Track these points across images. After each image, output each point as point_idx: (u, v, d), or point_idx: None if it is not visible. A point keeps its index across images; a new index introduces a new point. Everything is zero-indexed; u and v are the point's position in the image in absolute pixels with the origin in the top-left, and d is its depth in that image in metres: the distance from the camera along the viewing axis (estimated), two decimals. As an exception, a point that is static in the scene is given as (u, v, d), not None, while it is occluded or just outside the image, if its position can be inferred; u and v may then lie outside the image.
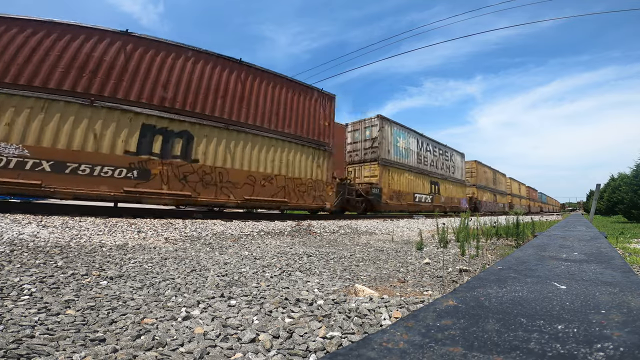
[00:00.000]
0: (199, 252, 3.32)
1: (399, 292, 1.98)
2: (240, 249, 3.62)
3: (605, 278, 1.39)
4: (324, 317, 1.46)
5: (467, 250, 3.64)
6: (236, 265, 2.68)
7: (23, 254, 2.65)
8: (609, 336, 0.75)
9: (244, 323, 1.38)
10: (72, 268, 2.28)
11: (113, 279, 2.07)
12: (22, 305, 1.48)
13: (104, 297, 1.68)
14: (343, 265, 2.82)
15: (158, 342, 1.17)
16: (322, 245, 4.24)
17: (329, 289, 1.98)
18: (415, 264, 2.98)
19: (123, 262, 2.62)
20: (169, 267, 2.50)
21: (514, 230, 4.78)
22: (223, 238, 4.62)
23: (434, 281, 2.33)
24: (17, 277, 1.93)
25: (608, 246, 2.61)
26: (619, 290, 1.18)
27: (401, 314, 1.50)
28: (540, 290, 1.19)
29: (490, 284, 1.26)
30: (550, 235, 3.65)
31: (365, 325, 1.37)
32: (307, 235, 5.52)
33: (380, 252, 3.67)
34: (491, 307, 0.99)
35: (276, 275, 2.36)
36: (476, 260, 3.21)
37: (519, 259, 1.89)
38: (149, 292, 1.83)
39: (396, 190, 13.62)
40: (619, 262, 1.79)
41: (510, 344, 0.72)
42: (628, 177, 13.82)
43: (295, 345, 1.18)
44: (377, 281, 2.29)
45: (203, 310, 1.53)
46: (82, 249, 3.08)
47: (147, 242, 3.88)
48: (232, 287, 1.99)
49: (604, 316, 0.90)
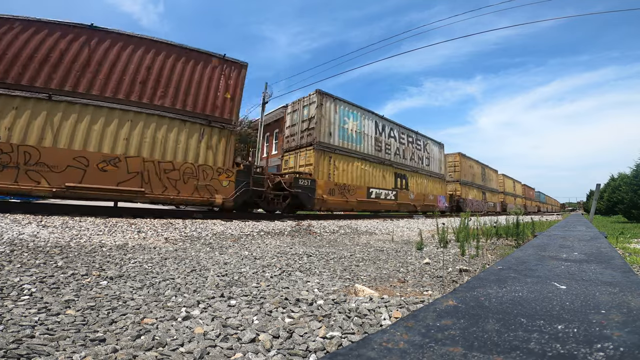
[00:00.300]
0: (199, 252, 3.32)
1: (399, 292, 1.98)
2: (240, 249, 3.62)
3: (605, 278, 1.39)
4: (324, 317, 1.46)
5: (467, 250, 3.64)
6: (236, 265, 2.68)
7: (23, 254, 2.65)
8: (609, 336, 0.75)
9: (244, 323, 1.38)
10: (72, 268, 2.28)
11: (113, 279, 2.07)
12: (22, 305, 1.48)
13: (104, 297, 1.68)
14: (343, 265, 2.82)
15: (158, 342, 1.17)
16: (322, 245, 4.24)
17: (329, 289, 1.98)
18: (415, 264, 2.98)
19: (123, 262, 2.62)
20: (169, 267, 2.50)
21: (514, 230, 4.78)
22: (223, 238, 4.62)
23: (434, 281, 2.33)
24: (17, 277, 1.93)
25: (608, 246, 2.61)
26: (619, 290, 1.18)
27: (401, 314, 1.50)
28: (540, 290, 1.19)
29: (490, 284, 1.26)
30: (550, 235, 3.65)
31: (365, 325, 1.37)
32: (307, 235, 5.52)
33: (380, 252, 3.67)
34: (491, 307, 0.99)
35: (276, 275, 2.36)
36: (476, 260, 3.21)
37: (519, 259, 1.89)
38: (149, 292, 1.83)
39: (340, 183, 10.72)
40: (619, 262, 1.79)
41: (510, 344, 0.72)
42: (628, 177, 13.81)
43: (295, 345, 1.18)
44: (377, 281, 2.29)
45: (203, 310, 1.53)
46: (82, 249, 3.08)
47: (147, 242, 3.88)
48: (232, 287, 1.99)
49: (604, 316, 0.90)
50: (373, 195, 12.10)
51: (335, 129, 10.94)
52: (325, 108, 10.67)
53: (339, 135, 11.08)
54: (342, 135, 11.20)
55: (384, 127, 13.51)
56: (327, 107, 10.75)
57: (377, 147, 12.92)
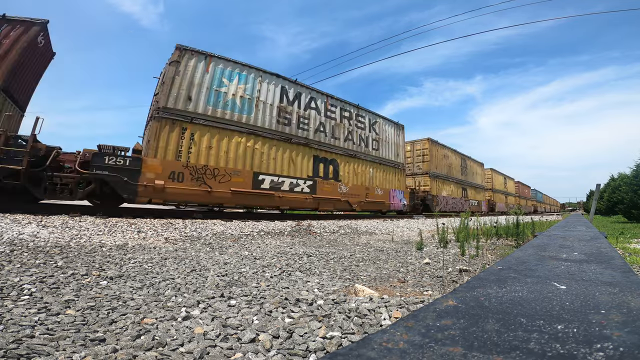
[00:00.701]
0: (199, 252, 3.32)
1: (399, 292, 1.98)
2: (240, 249, 3.62)
3: (605, 278, 1.39)
4: (324, 317, 1.46)
5: (467, 250, 3.64)
6: (236, 265, 2.68)
7: (23, 254, 2.65)
8: (608, 336, 0.75)
9: (244, 323, 1.38)
10: (72, 268, 2.28)
11: (113, 279, 2.07)
12: (22, 305, 1.48)
13: (104, 297, 1.68)
14: (343, 265, 2.82)
15: (158, 342, 1.17)
16: (322, 245, 4.24)
17: (329, 289, 1.98)
18: (415, 264, 2.98)
19: (123, 262, 2.62)
20: (169, 267, 2.50)
21: (514, 230, 4.78)
22: (223, 238, 4.62)
23: (434, 281, 2.33)
24: (17, 277, 1.93)
25: (608, 246, 2.61)
26: (618, 290, 1.18)
27: (401, 314, 1.50)
28: (540, 290, 1.19)
29: (490, 284, 1.26)
30: (550, 235, 3.65)
31: (365, 325, 1.37)
32: (307, 235, 5.52)
33: (380, 252, 3.67)
34: (491, 307, 0.99)
35: (276, 275, 2.36)
36: (476, 260, 3.21)
37: (519, 259, 1.89)
38: (149, 292, 1.83)
39: (199, 165, 7.47)
40: (619, 262, 1.79)
41: (510, 344, 0.72)
42: (628, 177, 13.82)
43: (295, 345, 1.18)
44: (377, 281, 2.29)
45: (203, 310, 1.53)
46: (82, 249, 3.08)
47: (147, 242, 3.88)
48: (232, 287, 1.99)
49: (603, 316, 0.90)
50: (266, 185, 8.53)
51: (200, 92, 7.80)
52: (186, 66, 7.67)
53: (207, 101, 7.89)
54: (213, 101, 8.00)
55: (298, 95, 9.97)
56: (190, 65, 7.72)
57: (284, 120, 9.38)
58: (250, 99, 8.76)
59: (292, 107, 9.77)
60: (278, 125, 9.24)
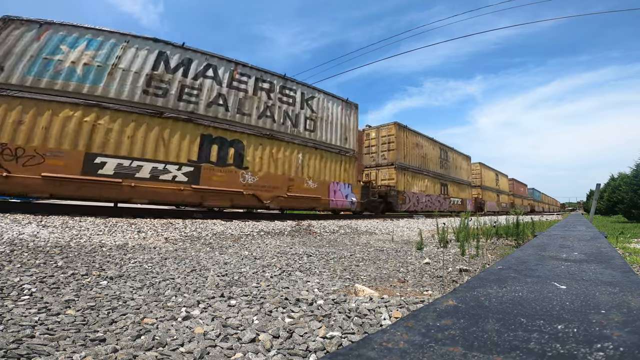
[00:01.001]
0: (199, 252, 3.32)
1: (399, 292, 1.98)
2: (240, 249, 3.62)
3: (605, 278, 1.39)
4: (324, 317, 1.46)
5: (467, 250, 3.64)
6: (236, 265, 2.68)
7: (23, 254, 2.65)
8: (609, 336, 0.75)
9: (244, 323, 1.38)
10: (72, 268, 2.28)
11: (113, 278, 2.07)
12: (22, 305, 1.48)
13: (104, 297, 1.68)
14: (343, 265, 2.82)
15: (158, 342, 1.17)
16: (322, 245, 4.24)
17: (329, 289, 1.98)
18: (415, 263, 2.98)
19: (123, 262, 2.62)
20: (169, 267, 2.50)
21: (514, 230, 4.78)
22: (223, 238, 4.63)
23: (434, 281, 2.33)
24: (17, 277, 1.93)
25: (608, 246, 2.61)
26: (619, 290, 1.18)
27: (401, 313, 1.50)
28: (540, 290, 1.19)
29: (490, 284, 1.26)
30: (550, 235, 3.65)
31: (365, 325, 1.37)
32: (307, 235, 5.52)
33: (380, 252, 3.67)
34: (491, 307, 0.99)
35: (276, 275, 2.36)
36: (476, 260, 3.21)
37: (519, 259, 1.89)
38: (149, 292, 1.83)
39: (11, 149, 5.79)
40: (619, 262, 1.79)
41: (510, 344, 0.72)
42: (628, 177, 13.82)
43: (295, 345, 1.18)
44: (377, 281, 2.29)
45: (203, 310, 1.53)
46: (82, 249, 3.08)
47: (147, 242, 3.89)
48: (232, 287, 1.99)
49: (604, 316, 0.90)
50: (107, 171, 6.51)
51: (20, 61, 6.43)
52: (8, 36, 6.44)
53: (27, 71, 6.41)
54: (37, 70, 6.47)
55: (186, 61, 8.10)
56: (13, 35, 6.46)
57: (156, 90, 7.51)
58: (100, 66, 7.07)
59: (172, 76, 7.83)
60: (145, 97, 7.35)
